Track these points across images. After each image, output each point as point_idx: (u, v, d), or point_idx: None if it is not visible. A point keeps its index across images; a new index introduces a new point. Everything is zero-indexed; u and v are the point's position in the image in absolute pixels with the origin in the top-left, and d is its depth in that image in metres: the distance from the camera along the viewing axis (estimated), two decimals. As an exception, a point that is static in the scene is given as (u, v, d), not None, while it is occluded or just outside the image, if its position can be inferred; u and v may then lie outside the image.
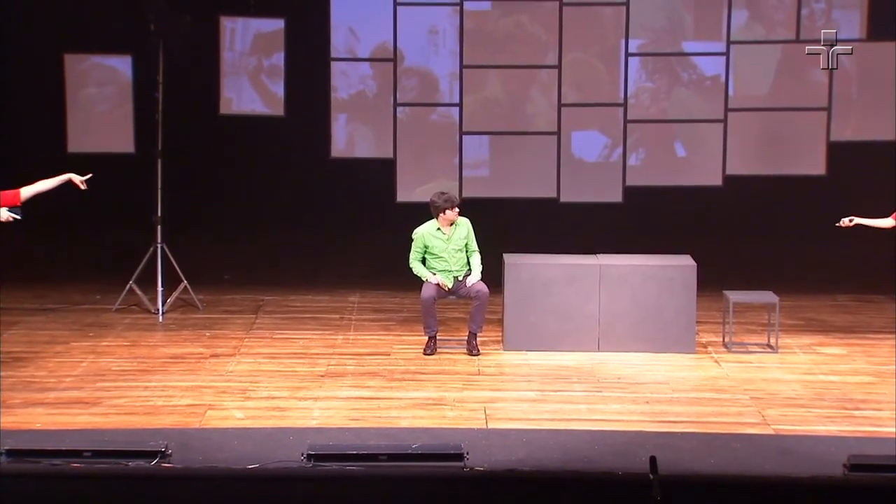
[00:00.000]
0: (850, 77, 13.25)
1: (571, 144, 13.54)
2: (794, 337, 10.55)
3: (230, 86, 13.38)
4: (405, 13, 13.35)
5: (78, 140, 12.80)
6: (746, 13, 13.30)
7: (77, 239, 12.78)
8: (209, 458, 7.27)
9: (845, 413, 8.60)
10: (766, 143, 13.35)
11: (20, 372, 9.24)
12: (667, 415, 8.54)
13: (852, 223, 9.94)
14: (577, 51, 13.41)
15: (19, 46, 12.76)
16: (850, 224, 9.95)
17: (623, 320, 10.06)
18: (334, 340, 10.41)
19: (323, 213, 13.41)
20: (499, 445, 7.73)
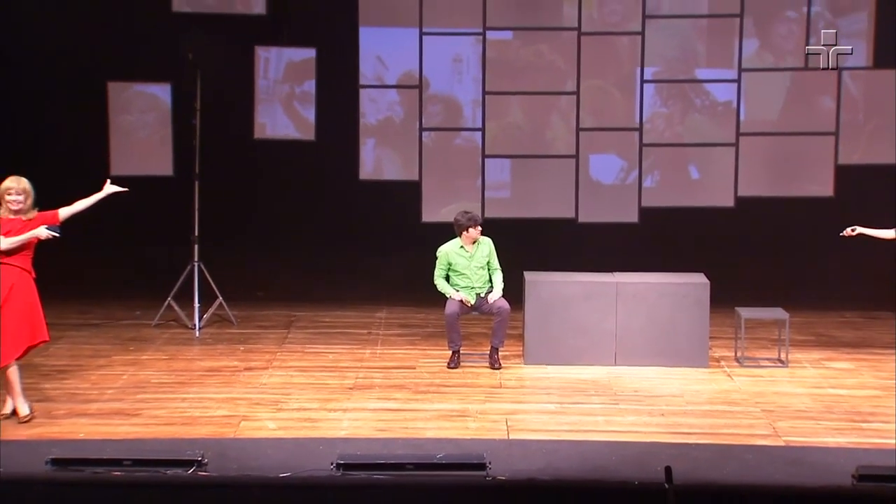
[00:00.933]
0: (856, 103, 13.20)
1: (589, 167, 13.52)
2: (803, 352, 10.51)
3: (264, 112, 13.42)
4: (431, 42, 13.37)
5: (120, 163, 12.83)
6: (757, 42, 13.27)
7: (119, 257, 12.84)
8: (243, 466, 7.29)
9: (853, 425, 8.56)
10: (776, 166, 13.29)
11: (64, 384, 9.29)
12: (681, 426, 8.52)
13: (855, 233, 9.90)
14: (594, 78, 13.40)
15: (66, 75, 12.85)
16: (854, 234, 9.91)
17: (639, 336, 10.03)
18: (362, 354, 10.41)
19: (352, 233, 13.43)
20: (520, 455, 7.72)
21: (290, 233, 13.40)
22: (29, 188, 8.35)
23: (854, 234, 9.90)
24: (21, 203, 8.30)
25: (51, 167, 12.19)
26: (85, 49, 12.71)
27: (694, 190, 13.51)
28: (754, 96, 13.33)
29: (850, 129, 13.18)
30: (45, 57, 12.76)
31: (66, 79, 12.87)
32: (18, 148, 12.51)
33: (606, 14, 13.32)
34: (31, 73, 12.87)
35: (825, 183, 13.23)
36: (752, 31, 13.24)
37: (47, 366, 9.79)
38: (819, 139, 13.22)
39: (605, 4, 13.30)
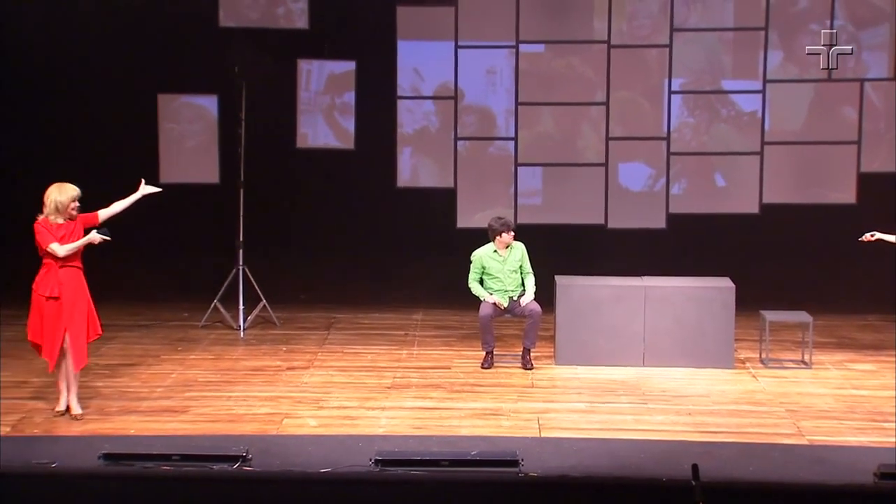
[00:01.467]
0: (878, 113, 13.11)
1: (618, 175, 13.50)
2: (826, 354, 10.44)
3: (306, 122, 13.48)
4: (465, 55, 13.39)
5: (168, 171, 12.93)
6: (781, 54, 13.21)
7: (167, 261, 12.92)
8: (286, 462, 7.31)
9: (875, 425, 8.49)
10: (799, 174, 13.23)
11: (116, 382, 9.35)
12: (708, 426, 8.48)
13: (874, 237, 9.84)
14: (623, 89, 13.38)
15: (118, 87, 12.95)
16: (872, 238, 9.86)
17: (666, 337, 10.00)
18: (400, 355, 10.42)
19: (389, 238, 13.45)
20: (551, 453, 7.70)
21: (331, 238, 13.44)
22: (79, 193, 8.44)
23: (873, 239, 9.84)
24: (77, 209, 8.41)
25: (103, 174, 12.27)
26: (136, 63, 12.82)
27: (720, 197, 13.46)
28: (778, 106, 13.27)
29: (872, 138, 13.10)
30: (98, 70, 12.89)
31: (119, 91, 12.97)
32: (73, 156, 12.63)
33: (635, 27, 13.30)
34: (85, 86, 13.00)
35: (848, 190, 13.16)
36: (776, 44, 13.19)
37: (100, 365, 9.86)
38: (842, 148, 13.14)
39: (634, 18, 13.27)
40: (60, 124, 13.02)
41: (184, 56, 12.79)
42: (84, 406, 8.60)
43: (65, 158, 12.51)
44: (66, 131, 13.01)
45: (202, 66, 12.60)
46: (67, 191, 8.33)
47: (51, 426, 8.31)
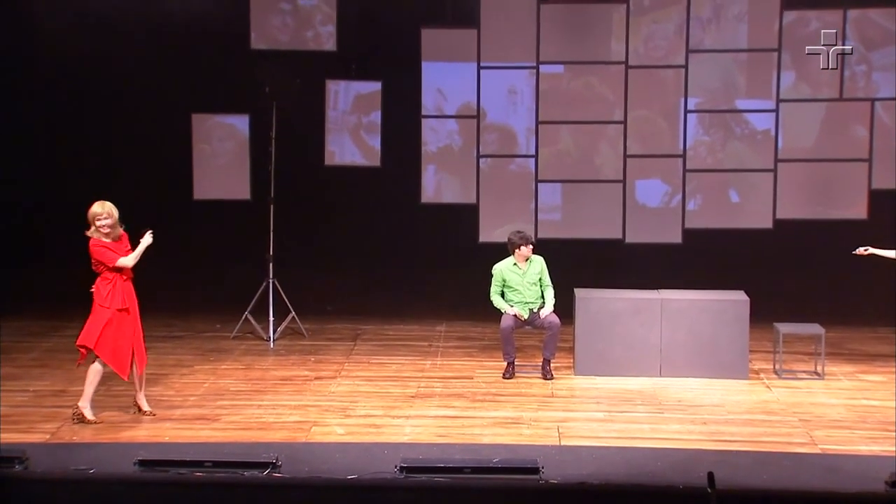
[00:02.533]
0: (889, 131, 13.06)
1: (636, 191, 13.48)
2: (838, 365, 10.39)
3: (333, 140, 13.52)
4: (487, 76, 13.42)
5: (202, 188, 13.01)
6: (794, 74, 13.18)
7: (200, 275, 12.96)
8: (314, 469, 7.31)
9: (886, 434, 8.44)
10: (812, 191, 13.18)
11: (151, 391, 9.37)
12: (723, 434, 8.44)
13: (867, 252, 9.79)
14: (640, 108, 13.37)
15: (154, 108, 13.03)
16: (866, 253, 9.83)
17: (682, 349, 9.97)
18: (423, 365, 10.42)
19: (414, 252, 13.46)
20: (571, 461, 7.69)
21: (357, 252, 13.46)
22: (113, 209, 8.49)
23: (866, 253, 9.79)
24: (110, 225, 8.43)
25: (141, 190, 12.38)
26: (171, 84, 12.91)
27: (734, 213, 13.42)
28: (791, 125, 13.24)
29: (883, 155, 13.04)
30: (135, 91, 12.98)
31: (155, 110, 13.05)
32: (111, 173, 12.71)
33: (651, 49, 13.30)
34: (123, 106, 13.09)
35: (859, 206, 13.10)
36: (789, 65, 13.16)
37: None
38: (853, 165, 13.09)
39: (651, 40, 13.27)
40: (99, 143, 13.11)
41: (217, 77, 12.86)
42: (120, 414, 8.65)
43: (103, 175, 12.62)
44: (104, 149, 13.10)
45: (234, 87, 12.67)
46: (93, 206, 8.43)
47: (88, 434, 8.34)
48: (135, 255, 8.52)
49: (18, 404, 8.98)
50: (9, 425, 8.44)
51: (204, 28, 12.33)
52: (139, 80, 12.85)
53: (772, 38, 13.08)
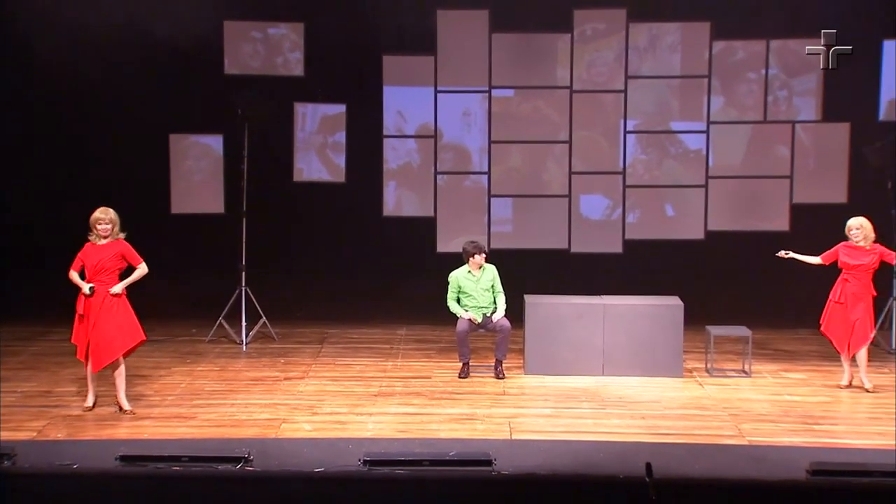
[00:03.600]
0: (808, 151, 13.22)
1: (580, 206, 13.55)
2: (764, 364, 10.48)
3: (301, 158, 13.49)
4: (444, 99, 13.45)
5: (179, 203, 12.92)
6: (723, 99, 13.31)
7: (178, 283, 12.84)
8: (284, 462, 7.28)
9: (807, 427, 8.53)
10: (739, 205, 13.31)
11: (132, 391, 9.28)
12: (659, 428, 8.49)
13: (787, 255, 9.92)
14: (584, 129, 13.45)
15: (134, 128, 12.94)
16: (786, 256, 9.93)
17: (623, 350, 10.02)
18: (385, 366, 10.41)
19: (376, 261, 13.45)
20: (521, 453, 7.70)
21: (324, 262, 13.42)
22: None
23: (786, 256, 9.89)
24: (109, 230, 8.61)
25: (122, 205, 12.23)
26: (151, 106, 12.82)
27: (669, 225, 13.53)
28: (720, 145, 13.36)
29: (803, 173, 13.20)
30: (117, 112, 12.87)
31: (135, 131, 12.95)
32: (93, 189, 12.58)
33: (594, 75, 13.39)
34: (105, 127, 12.97)
35: (782, 219, 13.24)
36: (718, 90, 13.29)
37: (116, 376, 9.81)
38: (776, 181, 13.24)
39: (593, 67, 13.36)
40: (83, 160, 12.99)
41: (193, 100, 12.80)
42: (103, 413, 8.57)
43: (87, 191, 12.48)
44: (86, 167, 12.97)
45: (209, 110, 12.60)
46: (96, 212, 8.56)
47: (73, 431, 8.25)
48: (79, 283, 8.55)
49: (7, 405, 8.87)
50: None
51: (181, 55, 12.27)
52: (121, 103, 12.75)
53: (702, 65, 13.21)
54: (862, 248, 9.59)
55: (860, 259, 9.59)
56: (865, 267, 9.56)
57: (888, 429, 8.51)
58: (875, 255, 9.57)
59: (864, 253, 9.59)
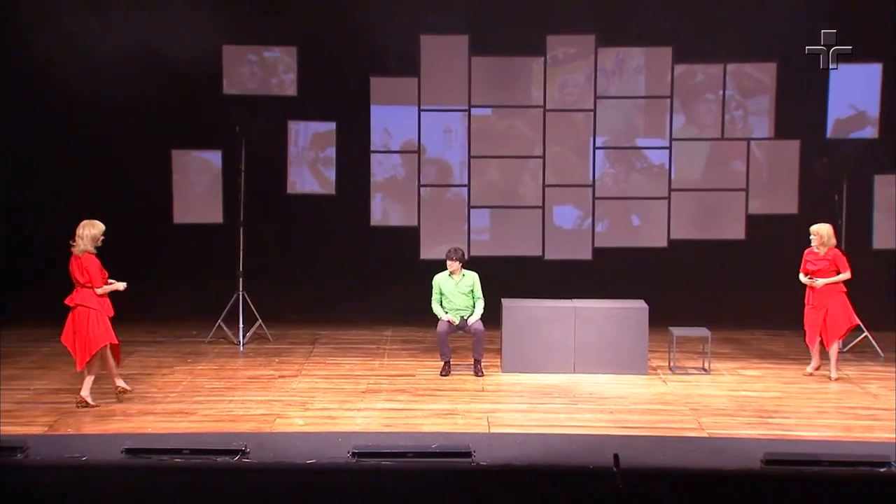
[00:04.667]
0: (762, 166, 13.27)
1: (553, 216, 13.57)
2: (722, 362, 10.53)
3: (294, 172, 13.44)
4: (427, 117, 13.45)
5: (181, 214, 12.85)
6: (684, 118, 13.36)
7: (179, 287, 12.83)
8: (278, 455, 7.29)
9: (761, 420, 8.58)
10: (699, 215, 13.35)
11: (136, 389, 9.28)
12: (626, 422, 8.52)
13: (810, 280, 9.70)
14: (556, 145, 13.47)
15: (139, 144, 12.88)
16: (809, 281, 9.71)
17: (592, 349, 10.05)
18: (373, 365, 10.41)
19: (364, 268, 13.43)
20: (498, 445, 7.72)
21: (316, 268, 13.40)
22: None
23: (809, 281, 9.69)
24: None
25: (127, 216, 12.23)
26: (154, 123, 12.77)
27: (635, 234, 13.56)
28: (682, 160, 13.40)
29: (757, 186, 13.25)
30: (123, 129, 12.82)
31: (139, 147, 12.90)
32: (102, 201, 12.54)
33: (566, 95, 13.42)
34: (111, 142, 12.92)
35: (738, 229, 13.28)
36: (679, 109, 13.34)
37: (123, 374, 9.75)
38: (733, 194, 13.29)
39: (565, 88, 13.39)
40: (91, 174, 12.92)
41: (193, 118, 12.75)
42: (109, 408, 8.53)
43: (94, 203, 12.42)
44: (92, 181, 12.90)
45: (209, 127, 12.56)
46: (99, 225, 8.45)
47: (81, 426, 8.22)
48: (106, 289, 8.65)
49: (20, 401, 8.83)
50: (12, 419, 8.30)
51: (183, 76, 12.23)
52: (127, 120, 12.70)
53: (665, 87, 13.26)
54: (819, 255, 9.68)
55: (818, 265, 9.72)
56: (823, 272, 9.65)
57: (835, 422, 8.58)
58: (829, 262, 9.64)
59: (821, 259, 9.68)
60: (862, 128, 12.93)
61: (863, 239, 12.29)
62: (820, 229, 9.74)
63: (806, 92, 12.90)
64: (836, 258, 9.73)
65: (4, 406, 8.65)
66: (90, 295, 8.54)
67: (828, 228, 9.79)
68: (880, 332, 11.13)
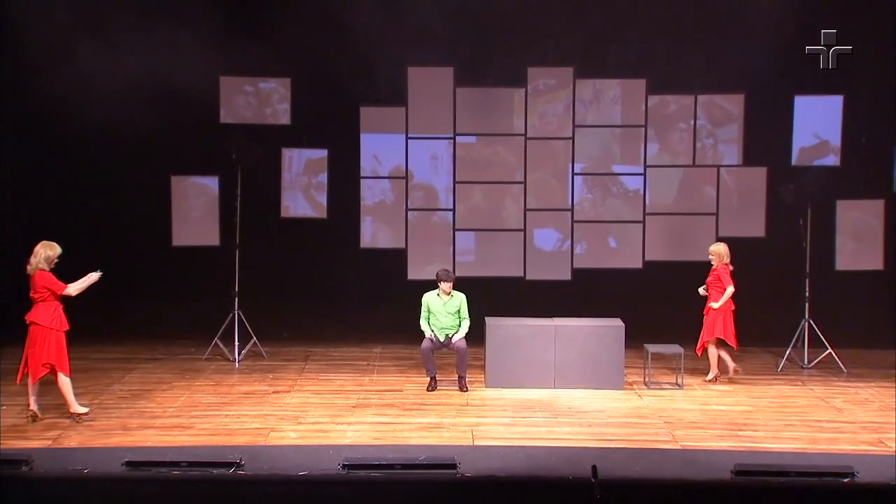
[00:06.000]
0: (731, 192, 13.36)
1: (534, 238, 13.61)
2: (694, 378, 10.58)
3: (288, 197, 13.45)
4: (414, 144, 13.49)
5: (179, 236, 12.83)
6: (658, 146, 13.44)
7: (178, 307, 12.79)
8: (272, 467, 7.27)
9: (732, 433, 8.61)
10: (672, 238, 13.41)
11: (137, 404, 9.26)
12: (604, 434, 8.54)
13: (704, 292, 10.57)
14: (537, 171, 13.53)
15: (139, 171, 12.88)
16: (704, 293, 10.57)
17: (572, 365, 10.08)
18: (363, 380, 10.41)
19: (354, 288, 13.41)
20: (482, 458, 7.73)
21: (308, 288, 13.36)
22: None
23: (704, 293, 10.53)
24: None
25: (128, 238, 12.24)
26: (154, 150, 12.77)
27: (612, 255, 13.61)
28: (656, 185, 13.47)
29: (727, 210, 13.31)
30: (124, 156, 12.81)
31: (140, 174, 12.90)
32: (105, 224, 12.54)
33: (546, 124, 13.49)
34: (113, 168, 12.90)
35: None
36: (653, 138, 13.42)
37: (123, 390, 9.76)
38: (704, 218, 13.35)
39: (545, 117, 13.46)
40: (94, 199, 12.91)
41: (192, 146, 12.75)
42: (111, 423, 8.50)
43: (98, 226, 12.45)
44: (95, 206, 12.88)
45: (206, 154, 12.57)
46: (56, 248, 8.50)
47: (84, 439, 8.19)
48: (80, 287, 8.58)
49: (25, 416, 8.78)
50: (17, 434, 8.27)
51: (182, 105, 12.24)
52: (129, 147, 12.69)
53: (639, 116, 13.36)
54: (713, 269, 10.46)
55: (708, 277, 10.53)
56: (710, 283, 10.49)
57: (802, 434, 8.62)
58: (714, 275, 10.44)
59: (710, 272, 10.52)
60: (825, 156, 13.05)
61: (826, 261, 12.38)
62: (714, 248, 10.54)
63: (772, 122, 13.02)
64: (721, 273, 10.32)
65: (10, 421, 8.61)
66: (44, 311, 8.54)
67: (723, 247, 10.52)
68: (843, 349, 11.20)
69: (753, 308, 10.80)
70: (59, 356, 8.55)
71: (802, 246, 11.27)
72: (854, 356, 11.21)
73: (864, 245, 12.74)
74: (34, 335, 8.54)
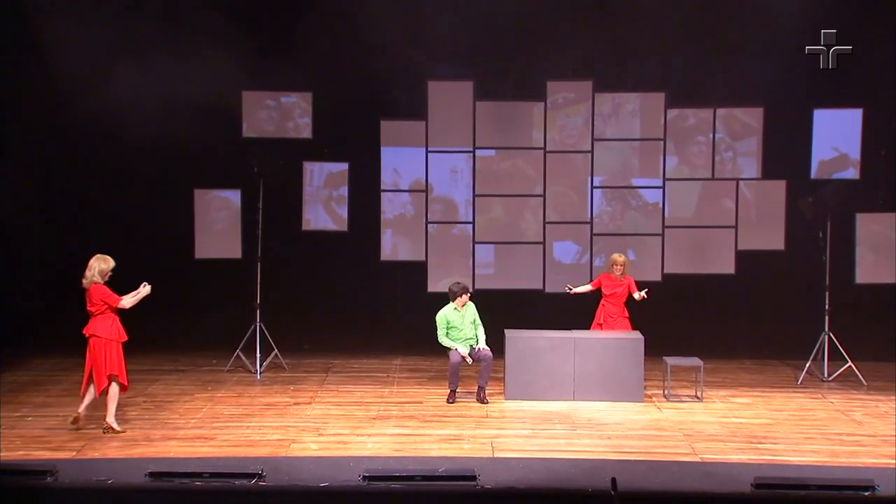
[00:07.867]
0: (750, 204, 13.32)
1: (553, 251, 13.60)
2: (714, 390, 10.52)
3: (309, 210, 13.52)
4: (434, 158, 13.53)
5: (202, 249, 12.91)
6: (677, 159, 13.43)
7: (200, 319, 12.87)
8: (293, 478, 7.28)
9: (752, 446, 8.56)
10: (691, 251, 13.37)
11: (159, 415, 9.30)
12: (623, 447, 8.51)
13: (571, 291, 10.83)
14: (556, 185, 13.53)
15: (163, 184, 12.99)
16: (571, 292, 10.84)
17: (591, 378, 10.05)
18: (383, 392, 10.41)
19: (375, 300, 13.45)
20: (502, 469, 7.71)
21: (329, 300, 13.41)
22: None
23: (571, 292, 10.83)
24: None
25: (152, 251, 12.31)
26: (177, 164, 12.87)
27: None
28: (675, 198, 13.45)
29: (746, 223, 13.27)
30: (148, 170, 12.94)
31: (164, 186, 13.01)
32: (129, 237, 12.62)
33: (565, 137, 13.50)
34: (137, 182, 13.03)
35: (728, 264, 13.28)
36: (672, 151, 13.40)
37: (148, 401, 9.80)
38: (723, 231, 13.31)
39: (564, 130, 13.47)
40: (118, 213, 13.02)
41: (214, 160, 12.85)
42: (134, 434, 8.55)
43: (122, 239, 12.52)
44: (122, 218, 13.00)
45: (229, 168, 12.66)
46: (109, 261, 8.57)
47: (107, 451, 8.23)
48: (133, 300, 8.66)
49: (50, 427, 8.85)
50: (42, 444, 8.32)
51: (205, 120, 12.33)
52: (153, 161, 12.82)
53: (659, 129, 13.34)
54: (617, 279, 10.61)
55: (615, 288, 10.59)
56: (619, 294, 10.58)
57: (822, 447, 8.55)
58: (625, 286, 10.59)
59: (619, 283, 10.62)
60: (844, 169, 12.98)
61: (846, 274, 12.30)
62: (625, 260, 10.88)
63: (791, 135, 12.98)
64: (630, 285, 10.65)
65: (35, 432, 8.67)
66: (102, 324, 8.61)
67: (625, 258, 10.91)
68: (863, 362, 11.11)
69: (773, 321, 10.73)
70: (119, 367, 8.68)
71: (822, 259, 11.20)
72: (874, 369, 11.11)
73: (883, 258, 12.64)
74: (95, 347, 8.63)
